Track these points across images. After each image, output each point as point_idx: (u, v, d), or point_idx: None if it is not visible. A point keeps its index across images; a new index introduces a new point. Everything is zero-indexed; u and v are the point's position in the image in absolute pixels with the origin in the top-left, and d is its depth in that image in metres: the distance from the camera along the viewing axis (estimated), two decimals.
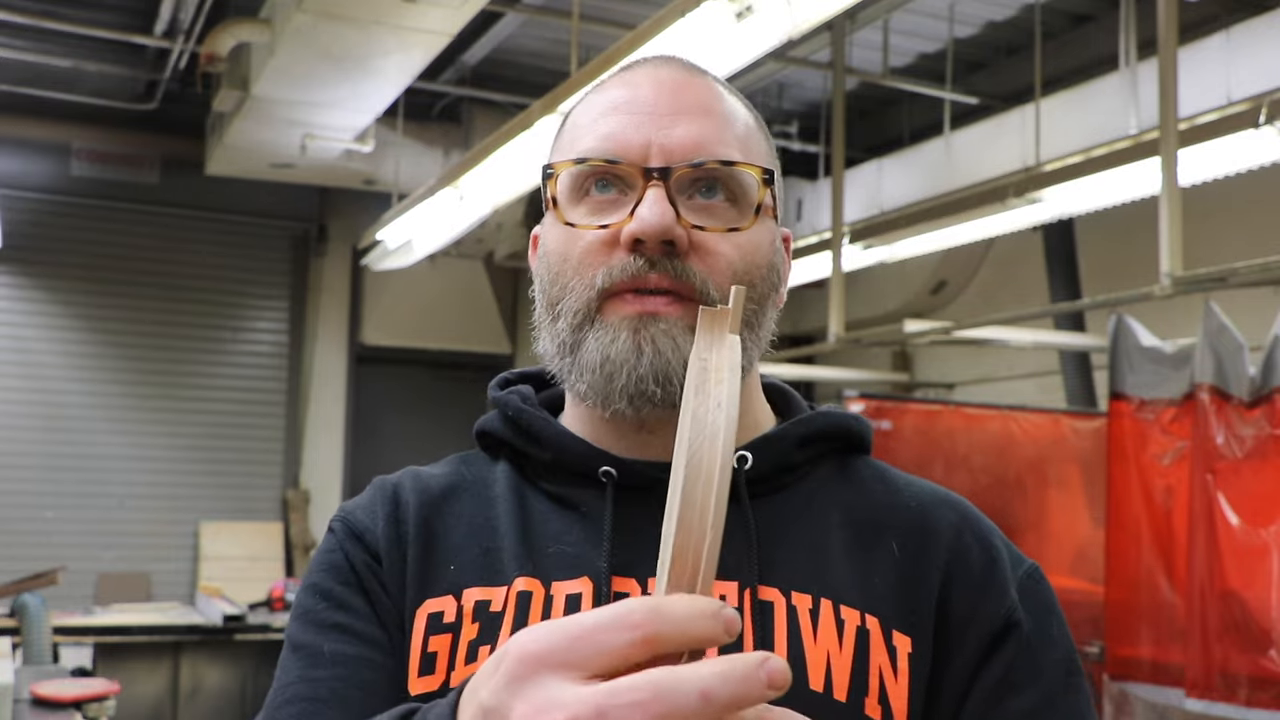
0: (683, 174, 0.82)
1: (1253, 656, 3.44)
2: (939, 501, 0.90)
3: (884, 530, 0.87)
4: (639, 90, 0.86)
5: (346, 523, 0.88)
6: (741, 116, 0.88)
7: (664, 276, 0.81)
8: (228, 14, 5.39)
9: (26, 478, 7.16)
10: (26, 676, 3.55)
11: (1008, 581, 0.85)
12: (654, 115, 0.84)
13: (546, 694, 0.49)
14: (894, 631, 0.81)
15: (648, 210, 0.80)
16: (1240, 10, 4.97)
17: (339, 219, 7.91)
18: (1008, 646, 0.83)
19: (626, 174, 0.83)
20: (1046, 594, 0.88)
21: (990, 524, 0.91)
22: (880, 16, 5.62)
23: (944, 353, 7.66)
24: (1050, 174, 4.64)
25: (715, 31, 3.12)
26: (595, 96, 0.89)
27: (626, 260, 0.81)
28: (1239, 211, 5.46)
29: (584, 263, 0.83)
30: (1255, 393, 3.56)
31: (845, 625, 0.81)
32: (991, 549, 0.87)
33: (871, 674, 0.80)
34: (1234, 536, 3.53)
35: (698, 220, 0.82)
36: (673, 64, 0.89)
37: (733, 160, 0.83)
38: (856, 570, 0.84)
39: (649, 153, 0.83)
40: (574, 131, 0.88)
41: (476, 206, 5.30)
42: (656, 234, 0.80)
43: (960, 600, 0.84)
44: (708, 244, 0.82)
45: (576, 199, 0.85)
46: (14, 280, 7.23)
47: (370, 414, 8.07)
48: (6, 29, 5.85)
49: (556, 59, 6.25)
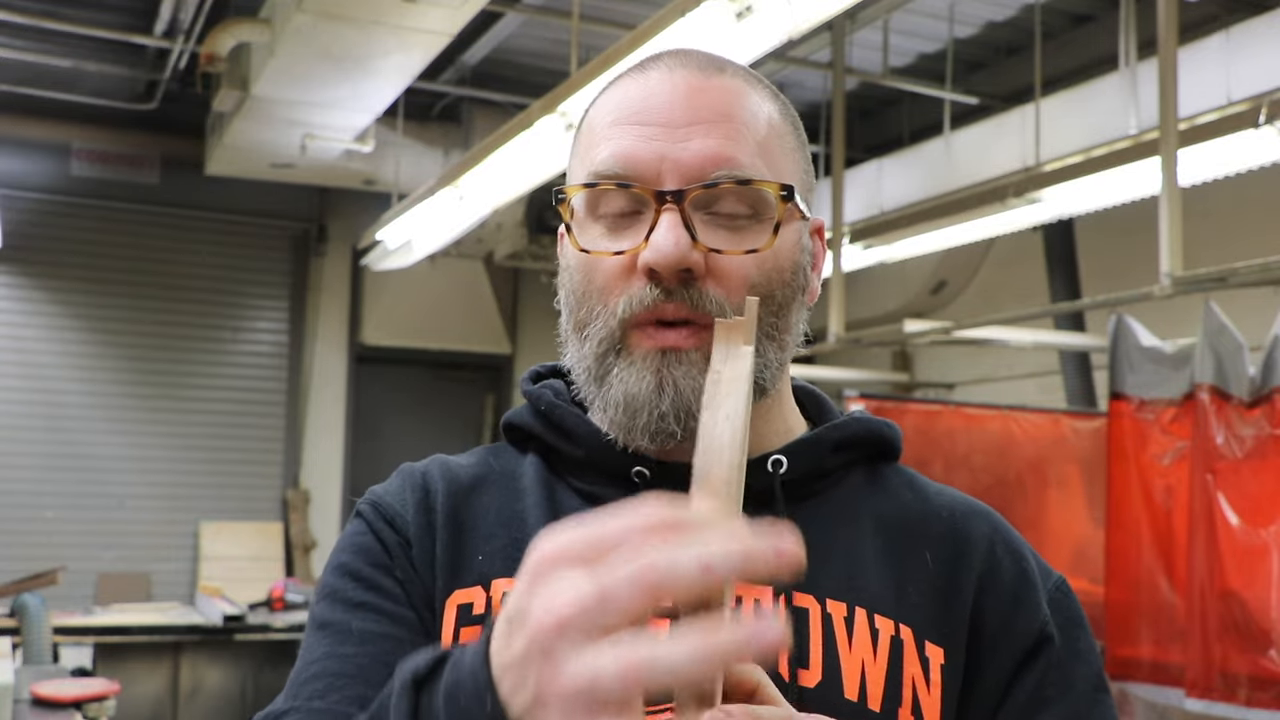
0: (697, 195, 0.81)
1: (1253, 656, 3.44)
2: (970, 511, 0.90)
3: (918, 539, 0.87)
4: (652, 95, 0.84)
5: (376, 507, 0.89)
6: (765, 115, 0.86)
7: (681, 306, 0.81)
8: (228, 14, 5.38)
9: (27, 478, 7.16)
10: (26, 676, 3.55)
11: (1039, 595, 0.86)
12: (667, 127, 0.82)
13: (559, 585, 0.50)
14: (927, 642, 0.82)
15: (661, 240, 0.79)
16: (1240, 10, 4.97)
17: (339, 219, 7.91)
18: (1040, 662, 0.83)
19: (640, 195, 0.82)
20: (1074, 607, 0.88)
21: (1018, 536, 0.91)
22: (880, 16, 5.62)
23: (944, 353, 7.66)
24: (1050, 174, 4.64)
25: (715, 31, 3.12)
26: (611, 93, 0.87)
27: (644, 290, 0.81)
28: (1239, 211, 5.45)
29: (605, 289, 0.83)
30: (1255, 393, 3.56)
31: (880, 635, 0.81)
32: (1022, 560, 0.88)
33: (905, 684, 0.80)
34: (1234, 536, 3.53)
35: (716, 241, 0.81)
36: (690, 61, 0.86)
37: (748, 178, 0.81)
38: (891, 579, 0.84)
39: (661, 170, 0.81)
40: (590, 137, 0.87)
41: (476, 206, 5.30)
42: (671, 266, 0.79)
43: (993, 612, 0.84)
44: (726, 267, 0.82)
45: (593, 216, 0.85)
46: (14, 280, 7.23)
47: (370, 414, 8.07)
48: (6, 29, 5.85)
49: (556, 59, 6.25)
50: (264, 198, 7.51)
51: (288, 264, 7.89)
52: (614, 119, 0.85)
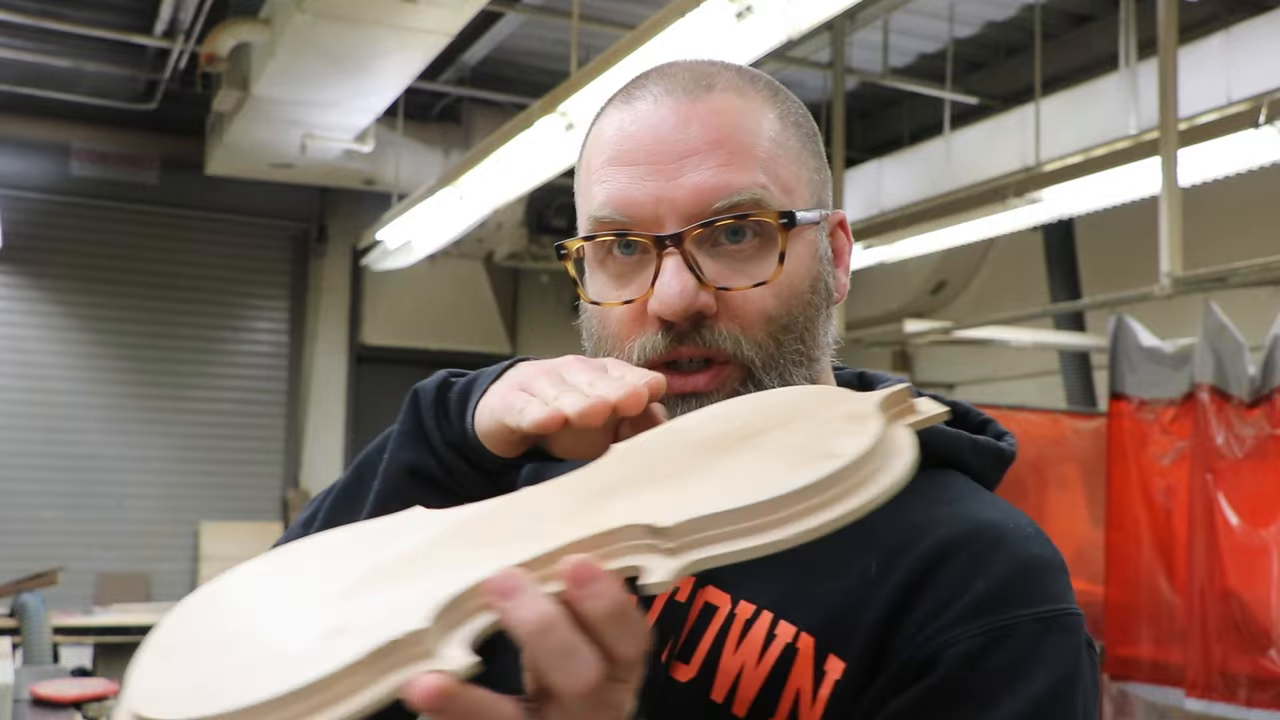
0: (698, 233, 0.79)
1: (1253, 656, 3.44)
2: (968, 527, 0.77)
3: (873, 547, 0.77)
4: (642, 130, 0.81)
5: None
6: (766, 128, 0.83)
7: (695, 348, 0.80)
8: (228, 14, 5.38)
9: (27, 478, 7.16)
10: (26, 676, 3.54)
11: (970, 613, 0.72)
12: (659, 164, 0.80)
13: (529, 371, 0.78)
14: (831, 655, 0.74)
15: (665, 288, 0.78)
16: (1240, 10, 4.97)
17: (339, 219, 7.91)
18: (919, 686, 0.72)
19: (639, 240, 0.81)
20: (1036, 649, 0.72)
21: (1019, 554, 0.76)
22: (880, 16, 5.62)
23: (944, 353, 7.66)
24: (1050, 174, 4.64)
25: (715, 31, 3.12)
26: (603, 125, 0.85)
27: (656, 337, 0.80)
28: (1239, 211, 5.45)
29: (620, 336, 0.83)
30: (1255, 393, 3.56)
31: (775, 641, 0.76)
32: (976, 577, 0.74)
33: (786, 695, 0.75)
34: (1234, 536, 3.53)
35: (724, 279, 0.80)
36: (676, 84, 0.83)
37: (745, 214, 0.79)
38: (821, 586, 0.77)
39: (659, 213, 0.79)
40: (587, 175, 0.85)
41: (476, 206, 5.30)
42: (678, 313, 0.78)
43: (908, 624, 0.74)
44: (739, 302, 0.80)
45: (599, 263, 0.84)
46: (14, 280, 7.23)
47: (370, 414, 8.06)
48: (6, 29, 5.85)
49: (556, 59, 6.25)
50: (264, 198, 7.51)
51: (288, 264, 7.89)
52: (606, 158, 0.83)
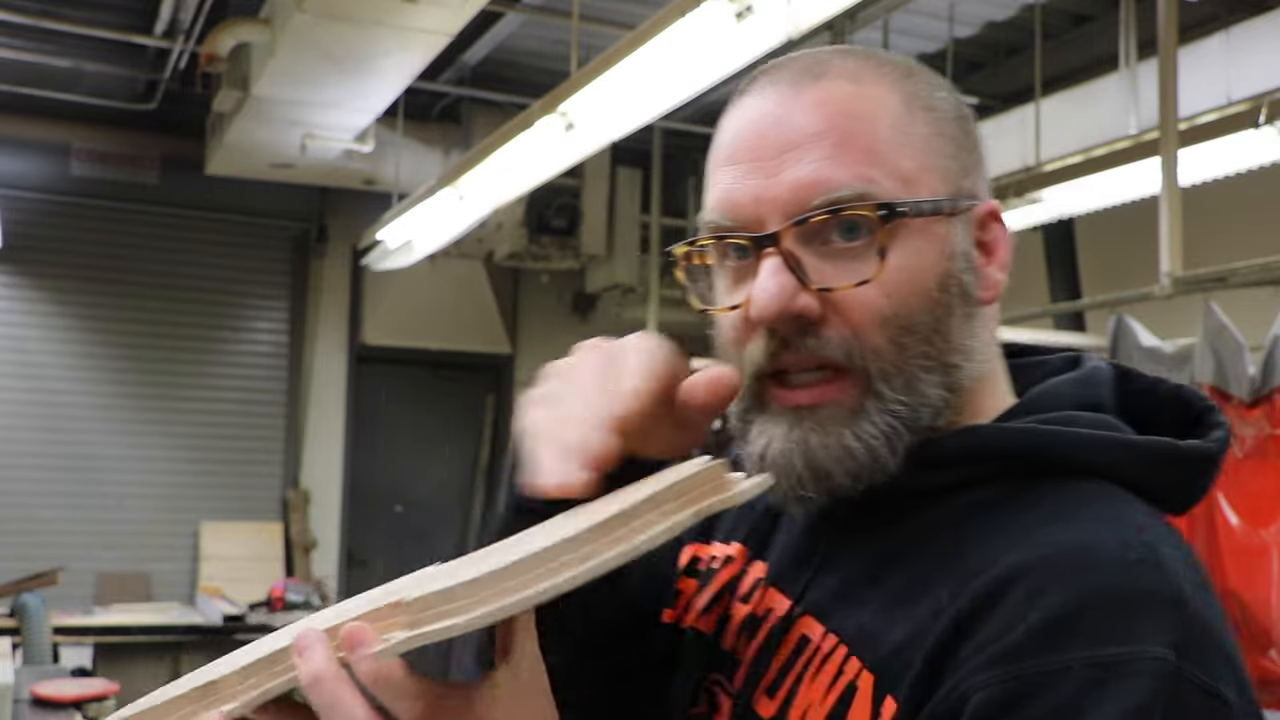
0: (798, 231, 0.74)
1: (1253, 656, 3.44)
2: (1046, 545, 0.68)
3: (955, 573, 0.70)
4: (745, 126, 0.78)
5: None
6: (883, 115, 0.76)
7: (802, 355, 0.75)
8: (228, 14, 5.38)
9: (26, 478, 7.16)
10: (26, 676, 3.54)
11: (1009, 654, 0.64)
12: (759, 161, 0.76)
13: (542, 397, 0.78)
14: (888, 696, 0.70)
15: (760, 291, 0.74)
16: (1240, 10, 4.97)
17: (339, 219, 7.90)
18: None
19: (745, 243, 0.77)
20: (1080, 702, 0.61)
21: (1099, 581, 0.65)
22: (880, 16, 5.61)
23: None
24: (1050, 174, 4.64)
25: (715, 31, 3.12)
26: (721, 125, 0.81)
27: (761, 345, 0.76)
28: (1239, 211, 5.45)
29: (734, 343, 0.79)
30: (1255, 393, 3.56)
31: (841, 678, 0.74)
32: (1032, 610, 0.64)
33: None
34: (1234, 536, 3.53)
35: (829, 279, 0.74)
36: (783, 76, 0.78)
37: (838, 208, 0.73)
38: (897, 615, 0.72)
39: (760, 212, 0.75)
40: (708, 180, 0.81)
41: (476, 206, 5.30)
42: (775, 318, 0.74)
43: (950, 664, 0.67)
44: (847, 303, 0.74)
45: (719, 268, 0.81)
46: (14, 280, 7.22)
47: (370, 414, 8.06)
48: (6, 29, 5.84)
49: (556, 59, 6.25)
50: (264, 198, 7.51)
51: (288, 264, 7.89)
52: (716, 159, 0.79)
